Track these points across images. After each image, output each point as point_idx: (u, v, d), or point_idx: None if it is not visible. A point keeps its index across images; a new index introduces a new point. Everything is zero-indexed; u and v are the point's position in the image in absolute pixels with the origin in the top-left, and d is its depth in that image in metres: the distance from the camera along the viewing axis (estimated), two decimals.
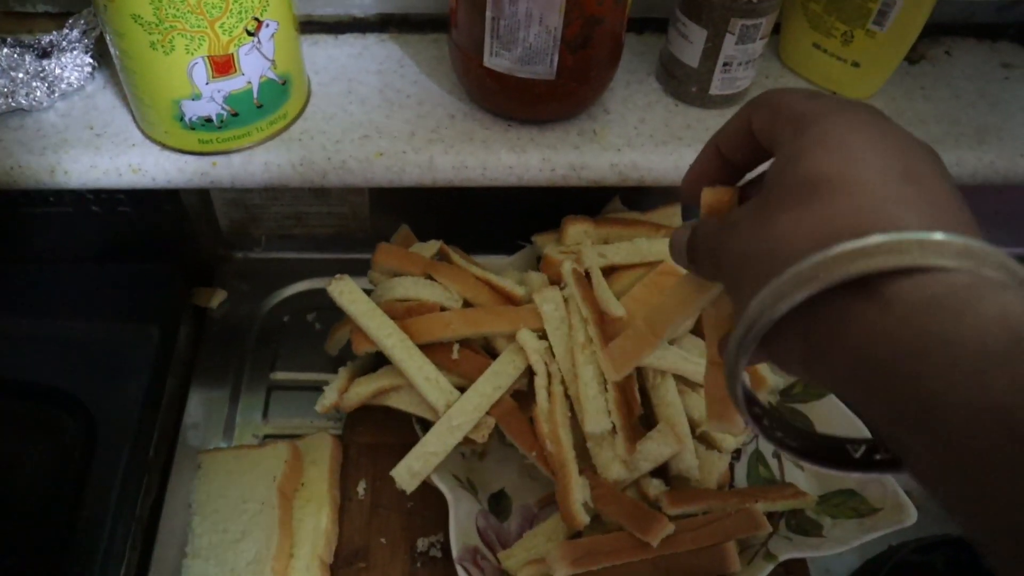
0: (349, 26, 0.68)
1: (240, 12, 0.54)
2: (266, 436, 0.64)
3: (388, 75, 0.66)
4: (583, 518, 0.53)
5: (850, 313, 0.26)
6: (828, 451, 0.31)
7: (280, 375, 0.67)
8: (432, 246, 0.64)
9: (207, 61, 0.55)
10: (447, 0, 0.61)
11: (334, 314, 0.67)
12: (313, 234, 0.72)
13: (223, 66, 0.56)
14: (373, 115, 0.63)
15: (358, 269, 0.64)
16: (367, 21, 0.69)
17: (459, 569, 0.51)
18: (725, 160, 0.36)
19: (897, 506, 0.56)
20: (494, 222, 0.66)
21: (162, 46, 0.54)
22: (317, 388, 0.62)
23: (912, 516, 0.55)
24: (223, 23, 0.54)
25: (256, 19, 0.55)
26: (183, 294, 0.69)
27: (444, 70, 0.66)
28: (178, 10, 0.52)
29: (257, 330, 0.69)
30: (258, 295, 0.71)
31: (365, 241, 0.70)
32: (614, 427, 0.54)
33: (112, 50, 0.57)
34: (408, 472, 0.54)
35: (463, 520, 0.54)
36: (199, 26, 0.53)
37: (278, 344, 0.69)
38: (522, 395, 0.59)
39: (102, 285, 0.66)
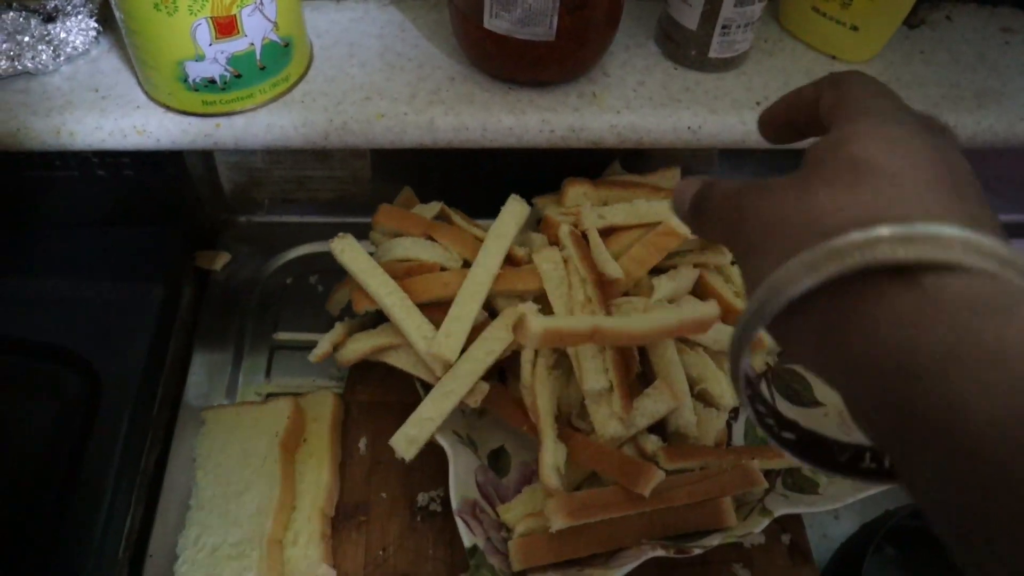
0: None
1: None
2: (268, 395, 0.65)
3: (389, 39, 0.66)
4: (553, 482, 0.53)
5: (882, 299, 0.25)
6: (817, 450, 0.31)
7: (282, 335, 0.67)
8: (433, 207, 0.65)
9: (210, 22, 0.56)
10: None
11: (336, 276, 0.68)
12: (315, 198, 0.72)
13: (226, 27, 0.56)
14: (374, 78, 0.63)
15: (359, 233, 0.65)
16: None
17: (458, 521, 0.52)
18: (789, 116, 0.35)
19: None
20: (494, 185, 0.67)
21: (165, 7, 0.54)
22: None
23: None
24: None
25: None
26: (186, 256, 0.70)
27: (444, 33, 0.67)
28: None
29: (260, 292, 0.70)
30: (261, 258, 0.72)
31: (367, 205, 0.71)
32: (611, 385, 0.55)
33: (116, 13, 0.58)
34: (406, 439, 0.55)
35: (462, 475, 0.55)
36: (216, 24, 0.54)
37: (280, 306, 0.69)
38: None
39: (107, 247, 0.66)
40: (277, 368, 0.66)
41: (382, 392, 0.62)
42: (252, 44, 0.58)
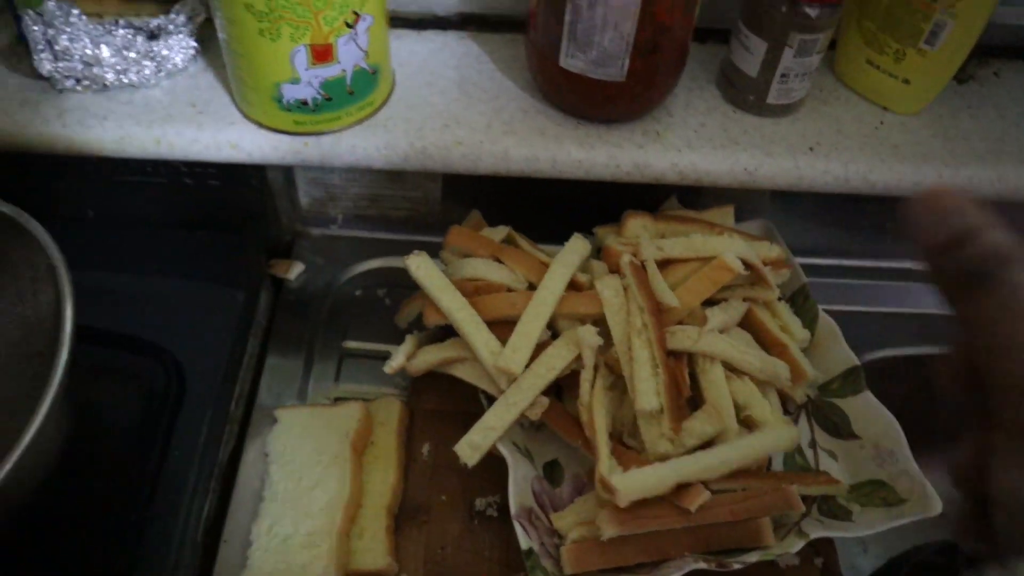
0: (431, 23, 0.73)
1: (342, 5, 0.59)
2: (336, 399, 0.69)
3: (466, 70, 0.71)
4: (606, 497, 0.57)
5: None
6: None
7: (351, 344, 0.72)
8: (501, 231, 0.69)
9: (308, 49, 0.60)
10: (524, 2, 0.65)
11: (403, 291, 0.72)
12: (386, 216, 0.77)
13: (322, 54, 0.61)
14: (452, 106, 0.68)
15: (427, 251, 0.69)
16: (447, 19, 0.74)
17: (516, 525, 0.56)
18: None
19: (924, 497, 0.59)
20: (556, 212, 0.71)
21: (269, 33, 0.59)
22: (386, 357, 0.67)
23: (937, 507, 0.58)
24: (326, 15, 0.59)
25: (355, 12, 0.60)
26: (263, 264, 0.74)
27: (518, 68, 0.71)
28: (288, 1, 0.57)
29: (330, 302, 0.74)
30: (332, 270, 0.76)
31: (434, 225, 0.75)
32: (663, 407, 0.58)
33: (220, 35, 0.62)
34: (470, 446, 0.59)
35: (520, 482, 0.59)
36: (304, 16, 0.58)
37: (350, 315, 0.74)
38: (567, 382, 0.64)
39: (192, 250, 0.71)
40: (345, 374, 0.70)
41: (445, 402, 0.66)
42: (344, 70, 0.63)
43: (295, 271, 0.75)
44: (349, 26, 0.60)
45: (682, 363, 0.61)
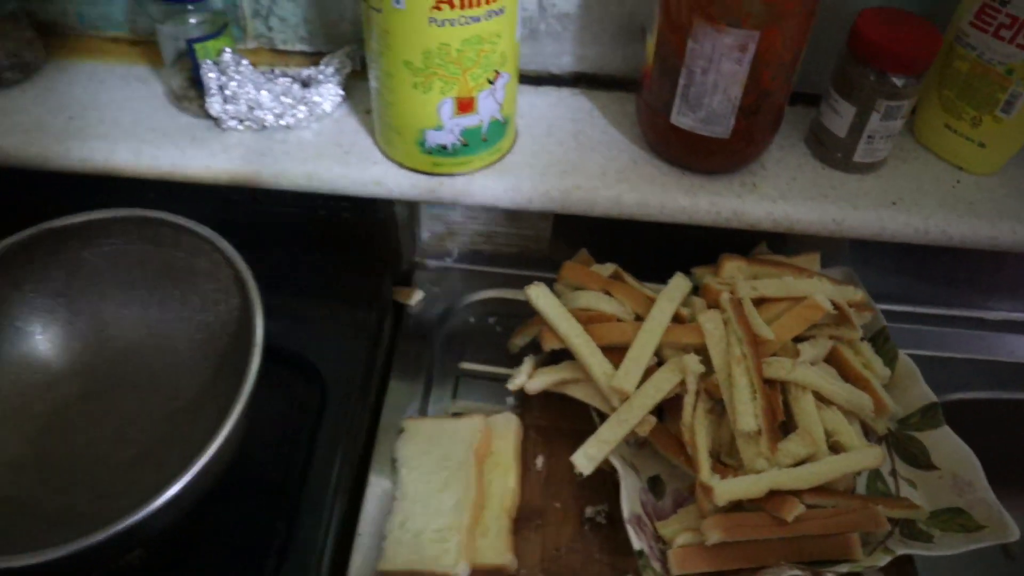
0: (548, 80, 0.82)
1: (487, 65, 0.67)
2: (454, 414, 0.76)
3: (580, 123, 0.79)
4: (708, 507, 0.63)
5: None
6: None
7: (466, 365, 0.79)
8: (608, 268, 0.76)
9: (454, 101, 0.68)
10: (630, 63, 0.74)
11: (513, 320, 0.79)
12: (499, 251, 0.85)
13: (465, 106, 0.69)
14: (570, 154, 0.76)
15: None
16: (562, 77, 0.82)
17: (628, 528, 0.62)
18: None
19: (1001, 524, 0.64)
20: (653, 254, 0.78)
21: (422, 87, 0.67)
22: (498, 379, 0.75)
23: (1015, 533, 0.63)
24: (473, 72, 0.67)
25: (496, 71, 0.68)
26: (388, 290, 0.82)
27: (626, 122, 0.79)
28: (443, 60, 0.65)
29: (447, 327, 0.82)
30: (447, 298, 0.84)
31: (542, 261, 0.83)
32: (760, 428, 0.65)
33: (373, 84, 0.71)
34: (586, 457, 0.65)
35: (630, 491, 0.65)
36: (455, 74, 0.67)
37: (464, 340, 0.81)
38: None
39: (328, 274, 0.79)
40: (461, 392, 0.77)
41: (555, 419, 0.73)
42: (482, 120, 0.71)
43: (416, 298, 0.83)
44: (490, 82, 0.69)
45: (776, 390, 0.67)
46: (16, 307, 0.67)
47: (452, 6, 0.62)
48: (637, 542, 0.62)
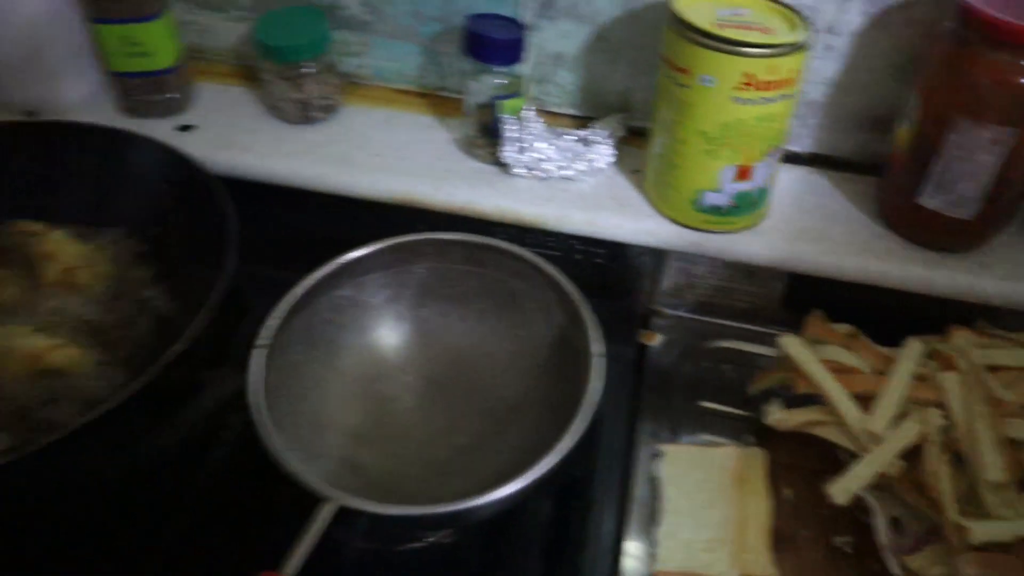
0: (790, 158, 0.92)
1: (769, 139, 0.78)
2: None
3: (821, 197, 0.89)
4: (960, 546, 0.71)
5: None
6: None
7: (706, 404, 0.87)
8: (844, 327, 0.85)
9: (736, 168, 0.79)
10: (862, 149, 0.85)
11: (745, 368, 0.88)
12: (731, 305, 0.94)
13: (744, 173, 0.79)
14: (816, 224, 0.85)
15: (764, 341, 0.86)
16: (802, 156, 0.93)
17: (886, 554, 0.70)
18: None
19: None
20: (875, 321, 0.86)
21: (712, 154, 0.78)
22: (735, 418, 0.83)
23: None
24: (758, 146, 0.78)
25: (774, 146, 0.79)
26: (636, 332, 0.92)
27: (858, 200, 0.89)
28: (736, 133, 0.76)
29: (684, 370, 0.91)
30: (682, 344, 0.93)
31: (770, 319, 0.92)
32: (1006, 479, 0.72)
33: (657, 150, 0.82)
34: (843, 489, 0.73)
35: (881, 524, 0.73)
36: (744, 145, 0.77)
37: (702, 382, 0.90)
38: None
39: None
40: (702, 427, 0.86)
41: (797, 458, 0.81)
42: (755, 187, 0.81)
43: (657, 340, 0.92)
44: (767, 155, 0.79)
45: (1018, 449, 0.75)
46: (360, 311, 0.80)
47: (756, 88, 0.73)
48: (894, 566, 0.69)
